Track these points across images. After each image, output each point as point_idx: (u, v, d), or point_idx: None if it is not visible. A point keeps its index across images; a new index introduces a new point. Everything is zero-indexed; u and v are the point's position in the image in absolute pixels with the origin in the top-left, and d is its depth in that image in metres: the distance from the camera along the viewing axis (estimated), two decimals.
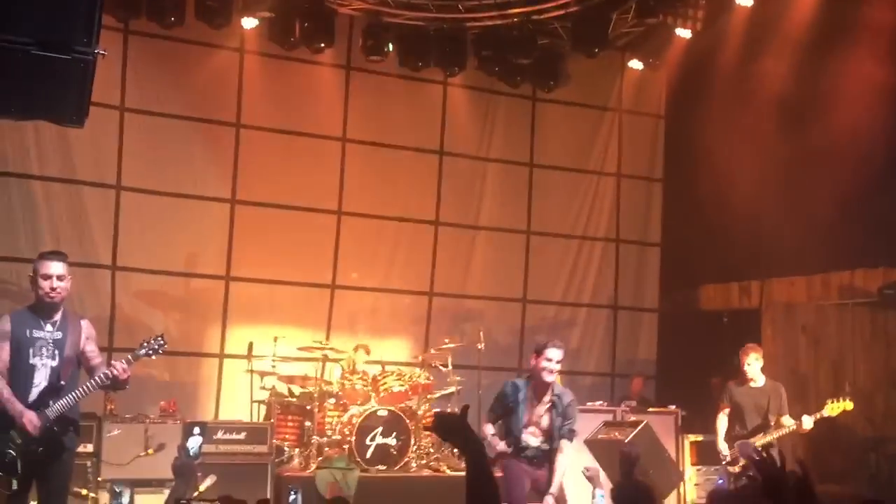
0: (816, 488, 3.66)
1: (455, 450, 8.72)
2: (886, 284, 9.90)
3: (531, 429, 6.77)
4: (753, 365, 8.49)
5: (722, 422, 8.54)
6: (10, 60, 4.19)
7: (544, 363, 6.70)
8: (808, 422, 8.25)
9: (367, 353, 10.15)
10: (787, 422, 8.34)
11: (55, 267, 5.89)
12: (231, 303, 10.71)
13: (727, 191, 10.74)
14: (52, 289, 5.82)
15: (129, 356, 5.92)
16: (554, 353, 6.70)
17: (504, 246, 12.03)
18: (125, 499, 4.23)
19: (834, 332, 10.45)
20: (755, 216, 10.64)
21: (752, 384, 8.49)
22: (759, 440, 8.31)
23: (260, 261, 10.79)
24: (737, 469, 8.30)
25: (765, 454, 3.88)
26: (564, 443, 6.70)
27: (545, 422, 6.76)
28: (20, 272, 9.39)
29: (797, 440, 8.59)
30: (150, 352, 6.02)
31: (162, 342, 6.06)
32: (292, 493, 3.91)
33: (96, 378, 5.81)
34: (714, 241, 11.24)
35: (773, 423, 8.38)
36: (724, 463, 8.46)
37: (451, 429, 3.51)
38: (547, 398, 6.76)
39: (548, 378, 6.72)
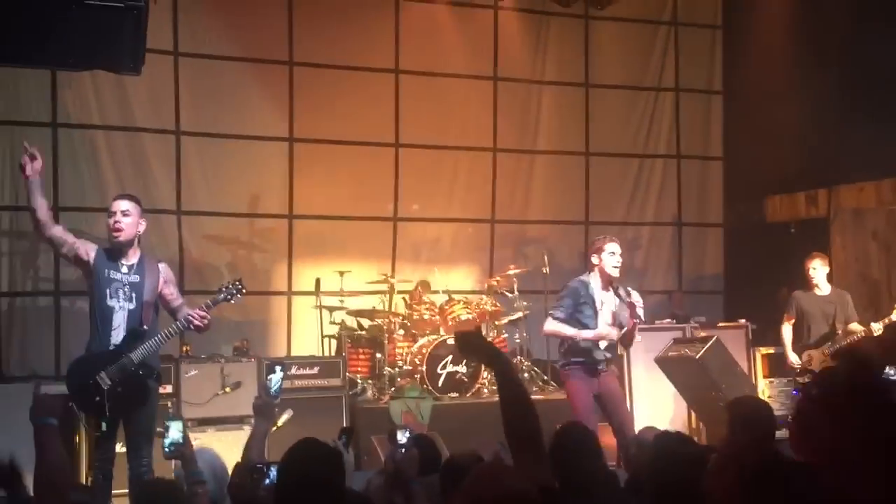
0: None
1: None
2: None
3: (606, 319, 6.90)
4: (819, 270, 8.42)
5: (787, 332, 8.56)
6: (64, 12, 4.23)
7: (607, 258, 6.85)
8: (876, 327, 8.18)
9: (429, 288, 10.19)
10: (855, 328, 8.28)
11: (117, 204, 5.97)
12: (295, 240, 10.81)
13: (789, 98, 10.50)
14: (116, 223, 5.89)
15: (210, 300, 6.01)
16: (614, 247, 6.89)
17: (563, 169, 11.94)
18: (175, 436, 4.21)
19: None
20: (819, 122, 10.39)
21: (817, 292, 8.43)
22: (829, 349, 8.27)
23: (322, 198, 10.85)
24: (806, 379, 8.27)
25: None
26: None
27: (611, 310, 6.93)
28: (89, 221, 9.59)
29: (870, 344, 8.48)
30: (229, 296, 6.08)
31: (240, 286, 6.11)
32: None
33: (176, 324, 5.92)
34: (777, 151, 11.02)
35: (840, 332, 8.33)
36: (795, 374, 8.46)
37: (474, 346, 3.54)
38: (612, 289, 6.91)
39: (614, 272, 6.85)
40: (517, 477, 2.59)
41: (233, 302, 6.18)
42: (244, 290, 6.16)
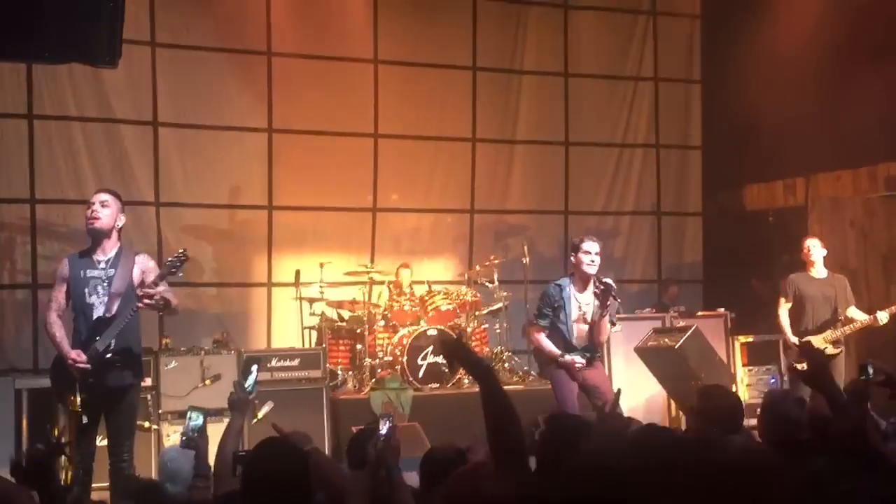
0: None
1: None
2: None
3: (581, 325, 7.01)
4: (816, 250, 8.36)
5: (784, 315, 8.39)
6: (39, 4, 4.19)
7: (583, 256, 6.94)
8: (883, 316, 8.12)
9: (408, 267, 10.21)
10: (859, 316, 8.22)
11: (97, 195, 5.96)
12: (275, 232, 10.78)
13: (768, 87, 10.54)
14: (93, 211, 5.88)
15: (156, 277, 5.94)
16: (591, 246, 6.95)
17: (543, 158, 11.95)
18: (196, 420, 4.31)
19: (883, 224, 10.33)
20: (797, 112, 10.43)
21: (814, 274, 8.37)
22: (830, 335, 8.22)
23: (301, 189, 10.82)
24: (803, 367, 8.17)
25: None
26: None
27: (591, 311, 7.00)
28: (66, 214, 9.57)
29: (859, 335, 8.51)
30: (174, 268, 6.02)
31: (183, 256, 6.03)
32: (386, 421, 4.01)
33: (132, 306, 5.86)
34: (756, 140, 11.08)
35: (841, 318, 8.29)
36: (793, 360, 8.20)
37: (456, 353, 3.57)
38: (590, 287, 6.99)
39: (590, 270, 6.93)
40: (498, 481, 2.60)
41: (180, 274, 6.10)
42: (186, 259, 6.07)
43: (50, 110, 9.73)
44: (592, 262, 6.93)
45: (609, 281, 6.97)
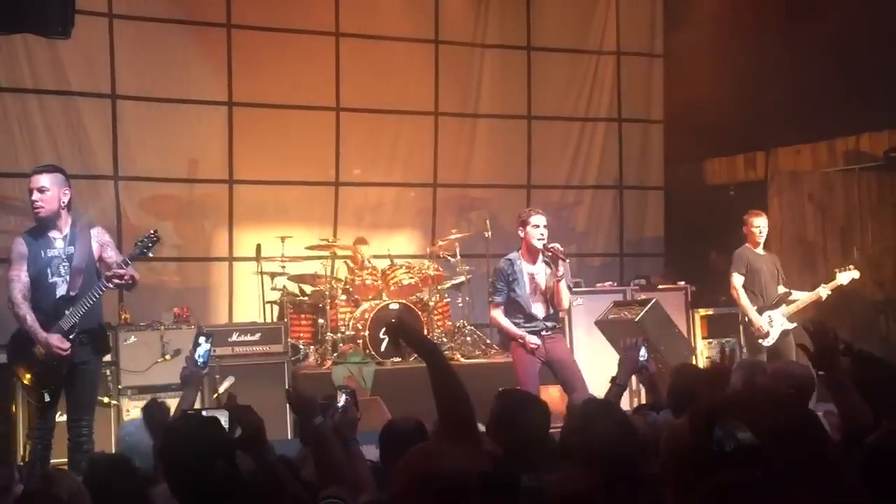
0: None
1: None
2: (892, 147, 9.83)
3: (537, 296, 7.06)
4: (764, 228, 8.46)
5: (742, 289, 8.39)
6: None
7: (532, 231, 7.00)
8: (824, 291, 8.29)
9: (366, 243, 10.19)
10: (801, 295, 8.37)
11: (34, 180, 5.92)
12: (236, 206, 10.69)
13: (729, 61, 10.59)
14: (33, 202, 5.85)
15: (126, 257, 5.93)
16: (539, 219, 7.03)
17: (505, 132, 11.93)
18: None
19: (841, 198, 10.43)
20: (758, 86, 10.51)
21: (758, 250, 8.50)
22: (786, 310, 8.32)
23: (262, 162, 10.73)
24: (771, 343, 8.25)
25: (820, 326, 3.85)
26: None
27: (544, 281, 7.06)
28: (22, 187, 9.35)
29: (810, 309, 8.63)
30: (145, 249, 6.02)
31: (155, 238, 6.04)
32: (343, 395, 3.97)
33: (99, 285, 5.84)
34: (717, 114, 11.09)
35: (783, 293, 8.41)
36: (759, 338, 8.27)
37: (405, 335, 3.58)
38: (540, 259, 7.08)
39: (538, 244, 7.00)
40: (454, 458, 2.61)
41: (150, 255, 6.11)
42: (157, 241, 6.08)
43: (5, 83, 9.57)
44: (542, 235, 6.99)
45: (555, 245, 7.00)
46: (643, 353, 4.91)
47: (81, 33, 8.21)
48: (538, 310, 7.06)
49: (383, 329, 9.06)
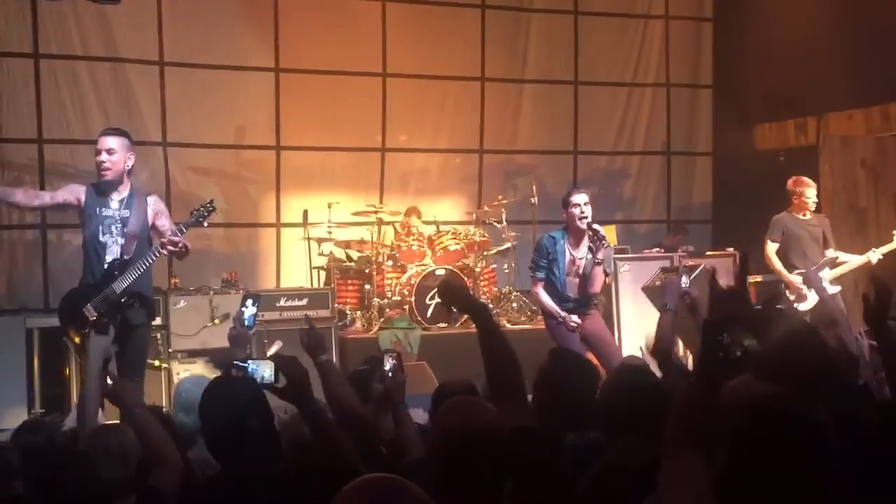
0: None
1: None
2: None
3: (572, 278, 6.96)
4: (812, 198, 8.35)
5: (775, 255, 8.37)
6: None
7: (573, 210, 6.86)
8: (874, 255, 8.17)
9: (419, 216, 10.21)
10: (850, 258, 8.26)
11: (102, 141, 5.98)
12: (283, 172, 10.75)
13: (779, 25, 10.41)
14: (101, 163, 5.92)
15: (182, 225, 6.02)
16: (580, 198, 6.87)
17: (552, 98, 11.85)
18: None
19: (893, 164, 10.23)
20: (809, 49, 10.31)
21: (802, 216, 8.38)
22: (833, 274, 8.22)
23: (309, 129, 10.77)
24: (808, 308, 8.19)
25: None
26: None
27: (583, 266, 6.96)
28: (74, 153, 9.56)
29: (860, 273, 8.51)
30: (201, 218, 6.08)
31: (211, 207, 6.11)
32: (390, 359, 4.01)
33: (152, 252, 5.93)
34: (768, 79, 10.95)
35: (829, 257, 8.30)
36: (796, 301, 8.21)
37: (456, 296, 3.59)
38: (585, 241, 6.92)
39: (580, 225, 6.83)
40: (487, 412, 2.62)
41: (205, 224, 6.18)
42: (214, 212, 6.16)
43: (56, 49, 9.66)
44: (583, 213, 6.82)
45: (597, 227, 6.86)
46: (685, 280, 4.90)
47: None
48: (572, 291, 7.00)
49: (431, 293, 9.12)
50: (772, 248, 8.42)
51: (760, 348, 2.47)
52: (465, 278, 9.39)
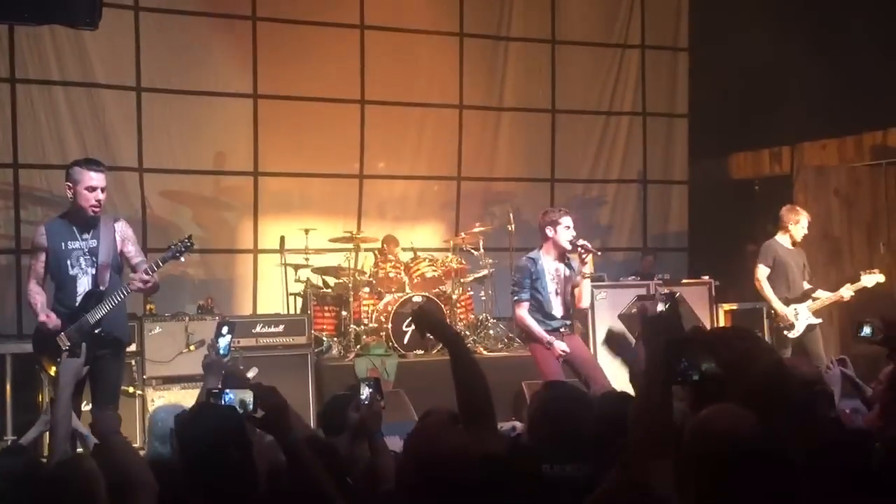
0: None
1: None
2: None
3: (557, 296, 7.01)
4: (805, 228, 8.33)
5: (766, 282, 8.30)
6: None
7: (561, 231, 6.96)
8: (846, 292, 8.20)
9: (397, 245, 10.21)
10: (824, 294, 8.28)
11: (99, 178, 5.88)
12: (261, 198, 10.73)
13: (754, 55, 10.52)
14: (98, 201, 5.85)
15: (158, 259, 5.99)
16: (568, 220, 6.99)
17: (529, 126, 11.92)
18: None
19: (867, 193, 10.35)
20: (784, 79, 10.45)
21: (787, 244, 8.38)
22: (812, 305, 8.24)
23: (287, 155, 10.76)
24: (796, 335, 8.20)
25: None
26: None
27: (564, 280, 7.04)
28: (49, 178, 9.50)
29: (833, 306, 8.56)
30: (178, 253, 6.04)
31: (189, 243, 6.07)
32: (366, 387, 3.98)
33: (122, 288, 5.89)
34: (743, 108, 11.08)
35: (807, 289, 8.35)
36: (784, 329, 8.20)
37: (430, 323, 3.60)
38: (561, 262, 7.03)
39: (568, 246, 6.95)
40: (456, 437, 2.61)
41: (182, 259, 6.15)
42: (192, 247, 6.12)
43: (33, 74, 9.63)
44: (574, 236, 6.93)
45: (584, 242, 6.92)
46: (660, 307, 4.87)
47: (108, 26, 8.23)
48: (557, 309, 7.01)
49: (408, 320, 9.09)
50: (763, 272, 8.33)
51: (719, 371, 2.48)
52: (443, 305, 9.38)
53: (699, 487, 2.23)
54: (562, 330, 7.01)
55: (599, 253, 7.16)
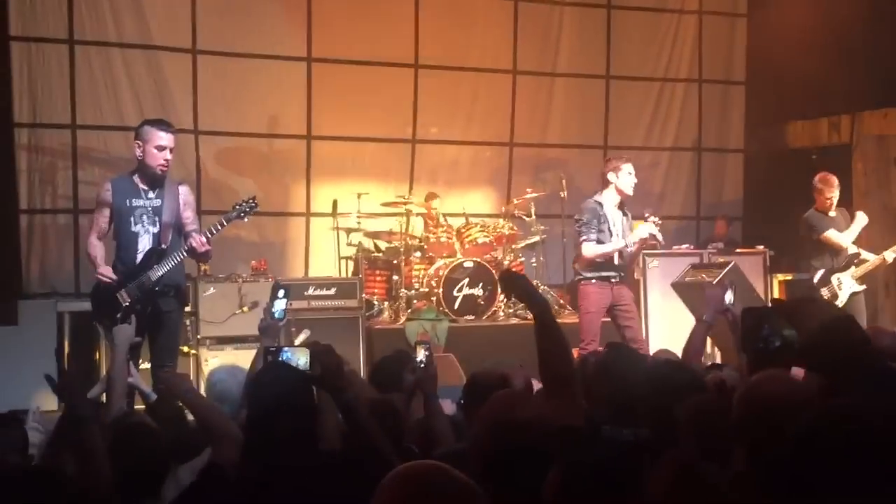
0: None
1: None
2: None
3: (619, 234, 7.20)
4: (834, 198, 8.24)
5: (837, 235, 8.13)
6: None
7: (625, 177, 7.16)
8: (890, 255, 8.07)
9: (437, 197, 10.23)
10: (868, 256, 8.14)
11: (169, 139, 6.01)
12: (314, 162, 10.77)
13: (814, 21, 10.31)
14: (166, 161, 5.96)
15: (223, 218, 6.07)
16: (630, 167, 7.21)
17: (583, 92, 11.80)
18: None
19: None
20: (844, 47, 10.22)
21: (830, 213, 8.25)
22: (856, 272, 8.13)
23: (340, 119, 10.78)
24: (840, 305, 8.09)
25: None
26: None
27: (622, 230, 7.26)
28: (107, 140, 9.61)
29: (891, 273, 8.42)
30: (242, 214, 6.15)
31: (253, 204, 6.17)
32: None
33: (182, 249, 5.97)
34: (801, 76, 10.85)
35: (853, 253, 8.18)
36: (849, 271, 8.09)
37: (517, 288, 3.60)
38: (621, 211, 7.31)
39: (630, 192, 7.22)
40: (535, 406, 2.62)
41: (245, 220, 6.23)
42: (256, 208, 6.20)
43: (90, 36, 9.72)
44: (634, 183, 7.18)
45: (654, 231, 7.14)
46: (729, 296, 4.87)
47: None
48: (616, 257, 7.14)
49: (460, 284, 9.15)
50: (831, 233, 8.16)
51: (798, 338, 2.47)
52: (494, 273, 9.37)
53: (751, 450, 2.22)
54: (613, 280, 7.09)
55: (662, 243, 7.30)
